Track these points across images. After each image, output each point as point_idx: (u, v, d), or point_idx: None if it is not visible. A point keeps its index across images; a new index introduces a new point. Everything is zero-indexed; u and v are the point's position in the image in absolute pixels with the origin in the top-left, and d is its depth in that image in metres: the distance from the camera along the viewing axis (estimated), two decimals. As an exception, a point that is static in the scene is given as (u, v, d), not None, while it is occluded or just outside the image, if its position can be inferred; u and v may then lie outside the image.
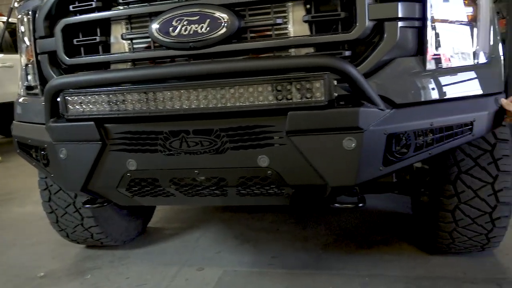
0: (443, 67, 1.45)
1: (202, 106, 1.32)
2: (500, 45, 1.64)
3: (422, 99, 1.39)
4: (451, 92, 1.44)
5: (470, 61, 1.49)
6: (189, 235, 2.65)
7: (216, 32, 1.39)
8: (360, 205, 1.53)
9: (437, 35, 1.46)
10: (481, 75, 1.50)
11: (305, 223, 2.73)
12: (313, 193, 1.45)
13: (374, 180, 1.37)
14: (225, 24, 1.38)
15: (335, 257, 2.22)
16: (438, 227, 1.95)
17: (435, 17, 1.44)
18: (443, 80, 1.43)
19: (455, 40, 1.48)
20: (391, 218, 2.72)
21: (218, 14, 1.38)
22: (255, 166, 1.38)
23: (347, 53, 1.39)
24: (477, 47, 1.52)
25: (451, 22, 1.48)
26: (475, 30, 1.52)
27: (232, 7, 1.39)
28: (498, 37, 1.65)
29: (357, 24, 1.34)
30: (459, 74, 1.47)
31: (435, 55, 1.44)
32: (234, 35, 1.40)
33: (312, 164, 1.32)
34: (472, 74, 1.49)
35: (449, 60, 1.47)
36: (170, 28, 1.42)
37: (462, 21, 1.50)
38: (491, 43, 1.56)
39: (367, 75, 1.36)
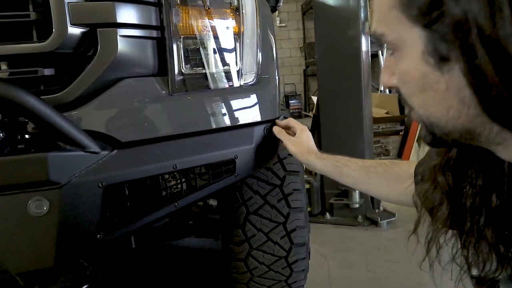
0: (195, 90, 1.13)
1: None
2: (275, 64, 1.40)
3: (162, 134, 1.03)
4: (206, 121, 1.11)
5: (231, 83, 1.20)
6: None
7: None
8: (85, 286, 1.10)
9: (186, 50, 1.13)
10: (247, 100, 1.22)
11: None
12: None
13: (92, 251, 0.96)
14: None
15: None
16: (233, 279, 1.64)
17: (182, 27, 1.12)
18: (194, 107, 1.11)
19: (212, 57, 1.17)
20: (205, 261, 2.37)
21: None
22: None
23: (47, 71, 0.96)
24: (242, 65, 1.23)
25: (205, 34, 1.17)
26: (238, 45, 1.23)
27: None
28: (274, 55, 1.41)
29: (55, 30, 0.93)
30: (217, 98, 1.15)
31: (183, 74, 1.11)
32: None
33: (-22, 243, 0.85)
34: (234, 99, 1.19)
35: (204, 81, 1.15)
36: None
37: (220, 34, 1.20)
38: (261, 61, 1.29)
39: (77, 102, 0.96)
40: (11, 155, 0.84)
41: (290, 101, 8.63)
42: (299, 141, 1.22)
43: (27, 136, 0.92)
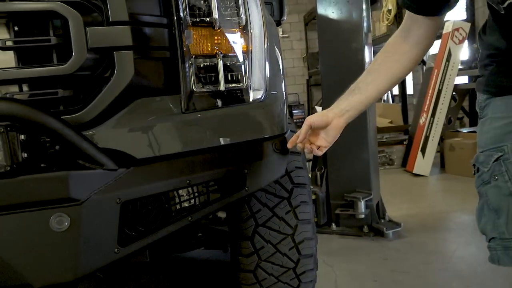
0: (206, 107, 1.17)
1: None
2: (282, 80, 1.45)
3: (176, 151, 1.07)
4: (217, 138, 1.16)
5: (241, 100, 1.24)
6: None
7: None
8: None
9: (198, 69, 1.18)
10: (256, 116, 1.26)
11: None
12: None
13: (110, 265, 0.99)
14: None
15: None
16: (242, 290, 1.67)
17: (193, 47, 1.17)
18: (206, 124, 1.15)
19: (222, 75, 1.21)
20: (214, 273, 2.40)
21: None
22: None
23: (66, 92, 1.01)
24: (250, 83, 1.28)
25: (215, 53, 1.22)
26: (247, 63, 1.28)
27: None
28: (281, 71, 1.46)
29: (74, 54, 0.97)
30: (227, 115, 1.20)
31: (195, 93, 1.16)
32: None
33: (2, 257, 0.89)
34: (243, 115, 1.23)
35: (214, 99, 1.19)
36: None
37: (230, 53, 1.25)
38: (268, 77, 1.34)
39: (94, 122, 1.00)
40: (32, 175, 0.88)
41: (294, 111, 8.68)
42: (316, 118, 1.25)
43: (48, 155, 0.96)
